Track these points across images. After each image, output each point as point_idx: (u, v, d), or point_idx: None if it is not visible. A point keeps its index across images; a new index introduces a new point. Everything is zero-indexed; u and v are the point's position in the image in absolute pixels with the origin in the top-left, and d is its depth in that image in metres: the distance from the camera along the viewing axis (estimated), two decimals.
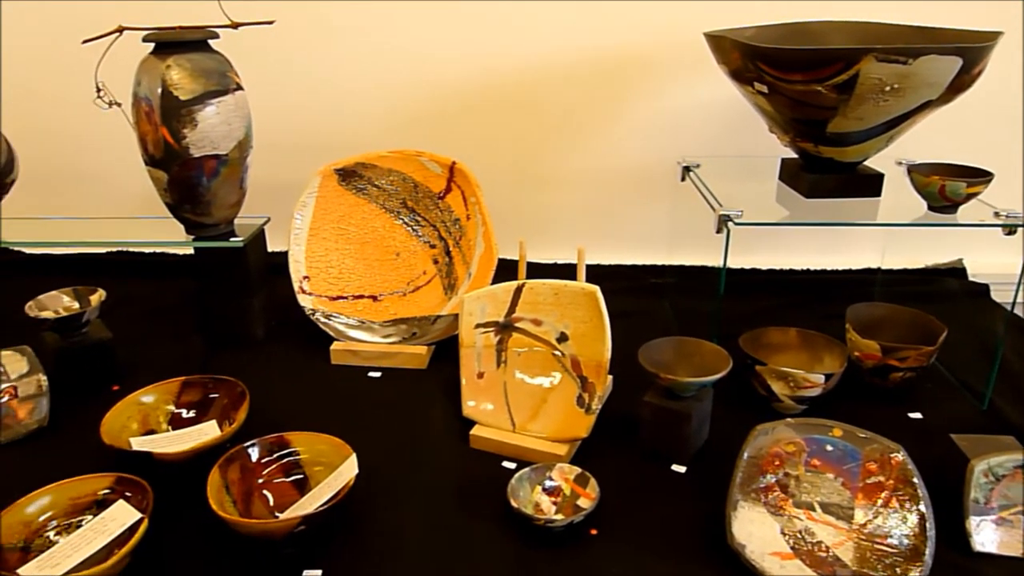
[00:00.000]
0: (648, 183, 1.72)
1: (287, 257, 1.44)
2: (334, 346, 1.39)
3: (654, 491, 1.08)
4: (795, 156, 1.39)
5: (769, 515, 0.96)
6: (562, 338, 1.20)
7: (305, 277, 1.43)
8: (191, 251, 1.80)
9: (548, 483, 1.06)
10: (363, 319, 1.41)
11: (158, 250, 1.88)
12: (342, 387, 1.33)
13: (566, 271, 1.69)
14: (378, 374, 1.37)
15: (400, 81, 1.70)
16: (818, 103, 1.16)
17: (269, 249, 1.54)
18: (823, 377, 1.18)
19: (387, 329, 1.39)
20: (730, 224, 1.20)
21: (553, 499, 1.04)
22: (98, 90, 1.33)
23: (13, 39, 1.78)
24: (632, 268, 1.77)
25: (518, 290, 1.21)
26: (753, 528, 0.95)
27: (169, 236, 1.47)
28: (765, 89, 1.20)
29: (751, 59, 1.17)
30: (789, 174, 1.39)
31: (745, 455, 1.00)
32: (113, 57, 1.31)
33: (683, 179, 1.52)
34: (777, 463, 1.00)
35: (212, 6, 1.32)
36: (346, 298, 1.44)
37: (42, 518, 0.94)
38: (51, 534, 0.93)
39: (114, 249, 1.88)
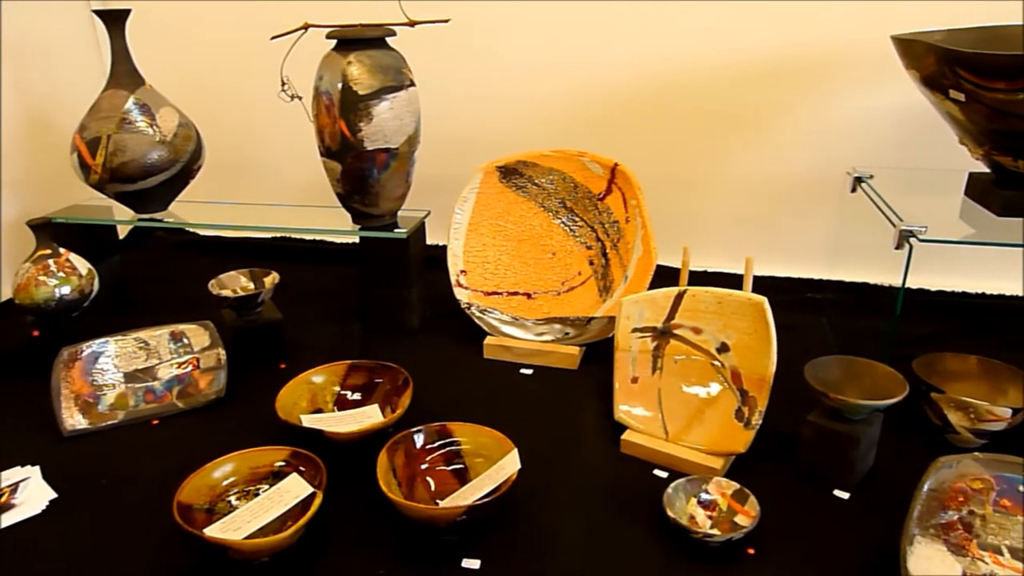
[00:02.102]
0: (813, 193, 1.65)
1: (444, 250, 1.48)
2: (487, 340, 1.41)
3: (815, 515, 1.03)
4: (986, 170, 1.29)
5: (950, 554, 0.90)
6: (723, 348, 1.17)
7: (462, 271, 1.46)
8: (352, 240, 1.90)
9: (704, 496, 1.03)
10: (517, 316, 1.42)
11: (318, 237, 1.97)
12: (494, 381, 1.35)
13: (722, 279, 1.65)
14: (530, 371, 1.38)
15: (564, 81, 1.70)
16: (1021, 113, 1.07)
17: (427, 242, 1.58)
18: (1010, 411, 1.09)
19: (540, 327, 1.40)
20: (913, 240, 1.13)
21: (708, 513, 1.01)
22: (283, 84, 1.40)
23: (205, 36, 1.91)
24: (788, 281, 1.70)
25: (679, 296, 1.19)
26: (931, 566, 0.89)
27: (334, 224, 1.53)
28: (962, 97, 1.12)
29: (949, 65, 1.09)
30: (978, 189, 1.30)
31: (925, 487, 0.93)
32: (295, 53, 1.38)
33: (853, 190, 1.45)
34: (961, 499, 0.93)
35: (390, 5, 1.37)
36: (501, 294, 1.46)
37: (225, 483, 1.00)
38: (232, 499, 1.00)
39: (278, 235, 1.99)
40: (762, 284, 1.67)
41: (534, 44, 1.70)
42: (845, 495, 1.06)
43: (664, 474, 1.11)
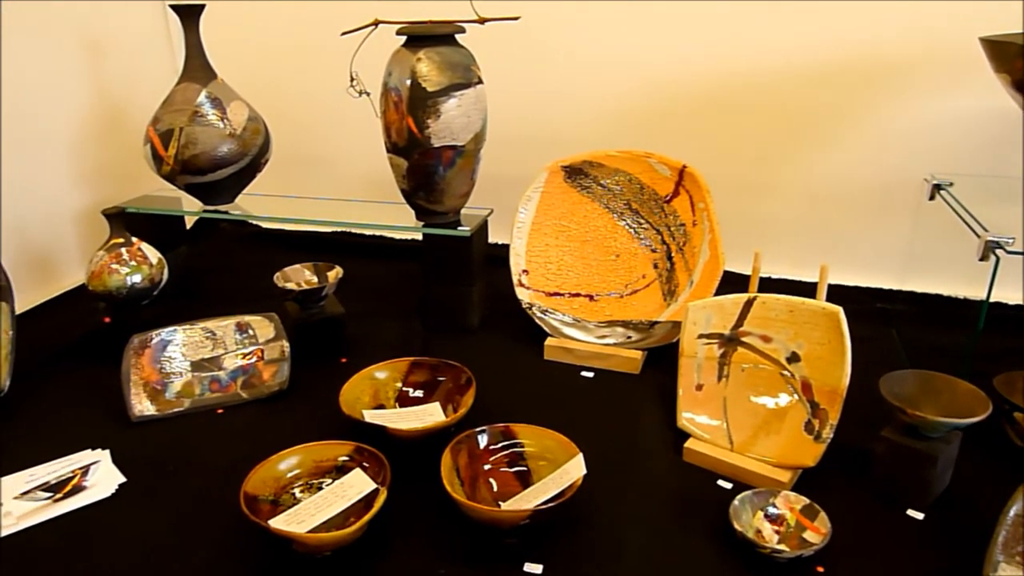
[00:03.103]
0: (887, 199, 1.59)
1: (505, 249, 1.47)
2: (548, 342, 1.40)
3: (887, 535, 0.99)
4: None
5: None
6: (793, 358, 1.13)
7: (524, 271, 1.45)
8: (413, 236, 1.91)
9: (771, 510, 1.00)
10: (578, 317, 1.41)
11: (378, 233, 1.98)
12: (555, 383, 1.34)
13: (789, 287, 1.61)
14: (591, 374, 1.36)
15: (632, 80, 1.68)
16: None
17: (489, 240, 1.57)
18: None
19: (602, 330, 1.39)
20: (1000, 252, 1.08)
21: (776, 527, 0.98)
22: (352, 80, 1.41)
23: (276, 31, 1.94)
24: (857, 290, 1.65)
25: (748, 303, 1.16)
26: None
27: (397, 220, 1.54)
28: None
29: None
30: None
31: (1011, 512, 0.89)
32: (364, 48, 1.39)
33: (932, 198, 1.40)
34: None
35: (461, 2, 1.36)
36: (563, 295, 1.45)
37: (290, 475, 1.01)
38: (297, 491, 1.00)
39: (339, 229, 2.01)
40: (830, 292, 1.61)
41: (602, 42, 1.68)
42: (919, 515, 1.02)
43: (728, 485, 1.08)
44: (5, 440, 1.19)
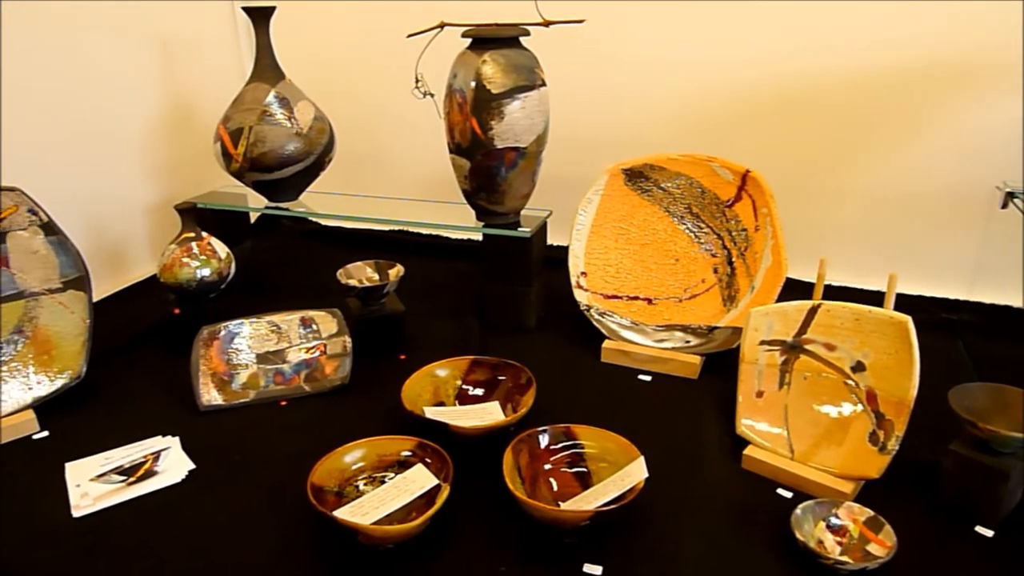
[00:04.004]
0: (956, 207, 1.55)
1: (563, 251, 1.48)
2: (606, 344, 1.40)
3: (955, 552, 0.97)
4: None
5: None
6: (858, 367, 1.12)
7: (583, 273, 1.45)
8: (470, 236, 1.92)
9: (834, 521, 0.99)
10: (636, 321, 1.41)
11: (435, 232, 2.01)
12: (612, 386, 1.34)
13: (852, 295, 1.58)
14: (648, 378, 1.36)
15: (694, 83, 1.68)
16: None
17: (548, 242, 1.58)
18: None
19: (660, 334, 1.38)
20: None
21: (838, 539, 0.97)
22: (417, 81, 1.43)
23: (342, 32, 1.98)
24: (922, 300, 1.61)
25: (813, 310, 1.15)
26: None
27: (455, 220, 1.56)
28: None
29: None
30: None
31: None
32: (428, 50, 1.41)
33: (1004, 206, 1.36)
34: None
35: (525, 4, 1.37)
36: (621, 298, 1.45)
37: (354, 468, 1.03)
38: (360, 484, 1.02)
39: (397, 228, 2.04)
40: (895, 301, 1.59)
41: (664, 46, 1.68)
42: (988, 533, 1.00)
43: (788, 494, 1.07)
44: (82, 423, 1.24)
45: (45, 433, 1.22)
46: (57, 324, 1.29)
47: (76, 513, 1.03)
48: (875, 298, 1.47)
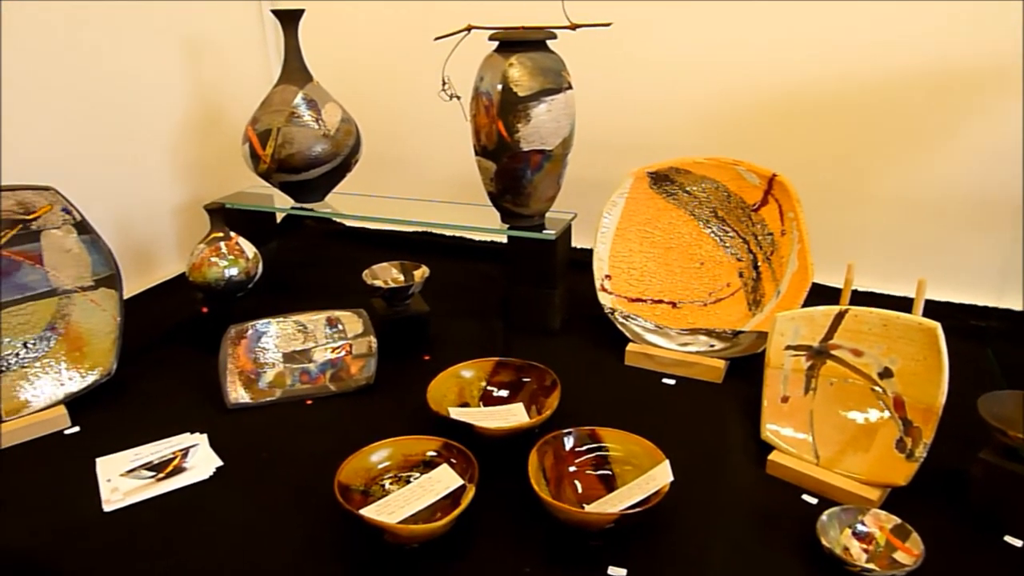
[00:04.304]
0: (985, 213, 1.54)
1: (587, 253, 1.48)
2: (630, 347, 1.40)
3: (983, 561, 0.96)
4: None
5: None
6: (885, 373, 1.11)
7: (607, 276, 1.46)
8: (493, 238, 1.93)
9: (860, 528, 0.98)
10: (660, 324, 1.41)
11: (458, 234, 2.02)
12: (636, 389, 1.34)
13: (878, 300, 1.57)
14: (672, 381, 1.36)
15: (720, 87, 1.67)
16: None
17: (572, 244, 1.59)
18: None
19: (684, 337, 1.38)
20: None
21: (864, 546, 0.96)
22: (443, 83, 1.44)
23: (369, 35, 2.00)
24: (950, 306, 1.59)
25: (840, 315, 1.14)
26: None
27: (479, 222, 1.56)
28: None
29: None
30: None
31: None
32: (455, 52, 1.41)
33: None
34: None
35: (552, 6, 1.38)
36: (645, 301, 1.45)
37: (380, 467, 1.04)
38: (386, 483, 1.03)
39: (420, 229, 2.05)
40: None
41: (691, 49, 1.67)
42: (1018, 543, 0.98)
43: (814, 500, 1.07)
44: (112, 419, 1.26)
45: (76, 428, 1.24)
46: (89, 321, 1.32)
47: (107, 508, 1.05)
48: (902, 304, 1.46)
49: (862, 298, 1.58)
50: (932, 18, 1.47)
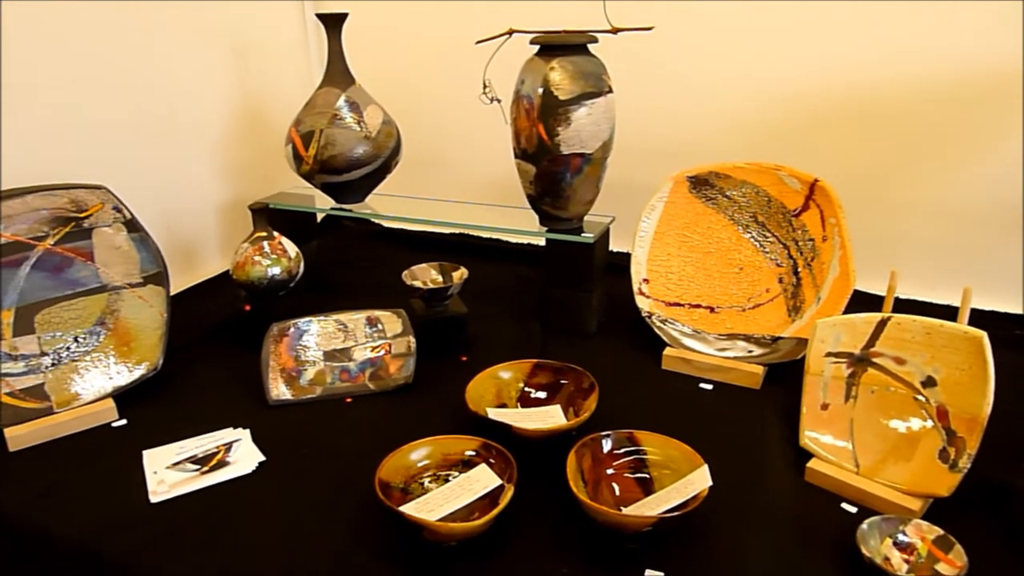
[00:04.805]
0: None
1: (624, 257, 1.48)
2: (667, 352, 1.40)
3: None
4: None
5: None
6: (928, 383, 1.09)
7: (645, 280, 1.46)
8: (530, 240, 1.93)
9: (901, 538, 0.97)
10: (698, 329, 1.40)
11: (495, 236, 2.03)
12: (672, 393, 1.34)
13: (921, 308, 1.55)
14: (709, 386, 1.35)
15: (760, 91, 1.66)
16: None
17: (610, 248, 1.59)
18: None
19: (722, 342, 1.38)
20: None
21: (905, 556, 0.95)
22: (484, 87, 1.45)
23: (410, 38, 2.02)
24: (994, 315, 1.57)
25: (882, 323, 1.13)
26: None
27: (516, 224, 1.57)
28: None
29: None
30: None
31: None
32: (496, 56, 1.43)
33: None
34: None
35: (594, 10, 1.38)
36: (683, 305, 1.45)
37: (420, 465, 1.05)
38: (426, 481, 1.04)
39: (457, 231, 2.07)
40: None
41: (733, 53, 1.67)
42: None
43: (853, 509, 1.06)
44: (158, 413, 1.29)
45: (124, 421, 1.27)
46: (137, 317, 1.35)
47: (153, 499, 1.08)
48: (945, 313, 1.45)
49: (904, 306, 1.55)
50: (975, 25, 1.45)
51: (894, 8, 1.51)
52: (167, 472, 1.13)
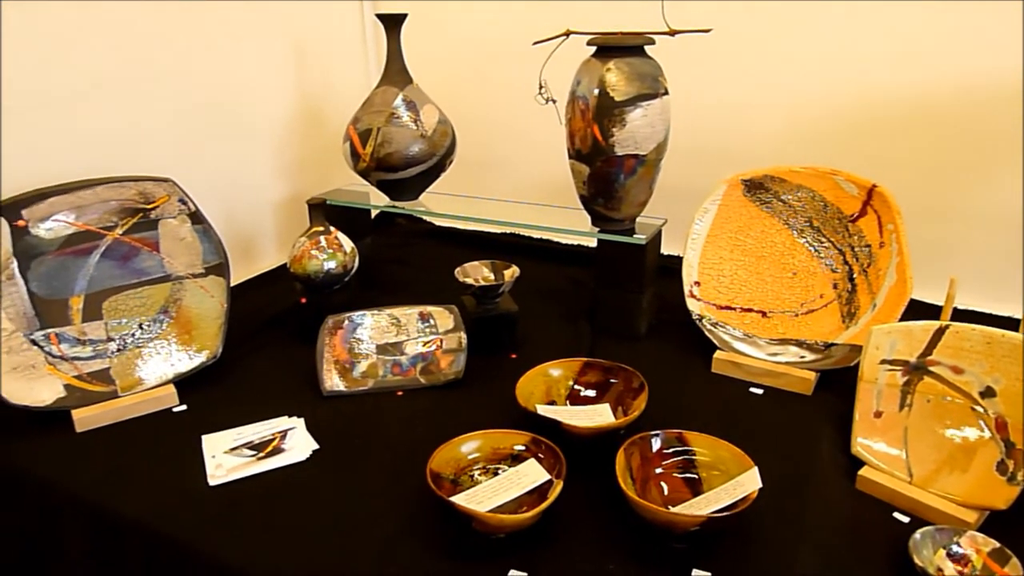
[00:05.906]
0: None
1: (675, 260, 1.48)
2: (717, 355, 1.39)
3: None
4: None
5: None
6: (987, 393, 1.07)
7: (696, 282, 1.45)
8: (580, 241, 1.94)
9: (955, 549, 0.95)
10: (749, 333, 1.40)
11: (545, 236, 2.04)
12: (723, 397, 1.33)
13: (979, 319, 1.51)
14: (760, 391, 1.34)
15: (819, 94, 1.65)
16: None
17: (661, 250, 1.59)
18: None
19: (774, 347, 1.36)
20: None
21: (959, 567, 0.94)
22: (540, 87, 1.47)
23: (466, 39, 2.04)
24: None
25: (940, 331, 1.11)
26: None
27: (568, 224, 1.58)
28: None
29: None
30: None
31: None
32: (553, 57, 1.44)
33: None
34: None
35: (652, 11, 1.38)
36: (734, 309, 1.44)
37: (470, 457, 1.07)
38: (475, 473, 1.06)
39: (508, 231, 2.08)
40: (1014, 325, 1.51)
41: (788, 56, 1.65)
42: None
43: (905, 519, 1.04)
44: (217, 400, 1.33)
45: (184, 407, 1.31)
46: (199, 306, 1.39)
47: (211, 482, 1.11)
48: (1005, 324, 1.41)
49: (962, 316, 1.52)
50: None
51: (955, 13, 1.48)
52: (225, 457, 1.16)
